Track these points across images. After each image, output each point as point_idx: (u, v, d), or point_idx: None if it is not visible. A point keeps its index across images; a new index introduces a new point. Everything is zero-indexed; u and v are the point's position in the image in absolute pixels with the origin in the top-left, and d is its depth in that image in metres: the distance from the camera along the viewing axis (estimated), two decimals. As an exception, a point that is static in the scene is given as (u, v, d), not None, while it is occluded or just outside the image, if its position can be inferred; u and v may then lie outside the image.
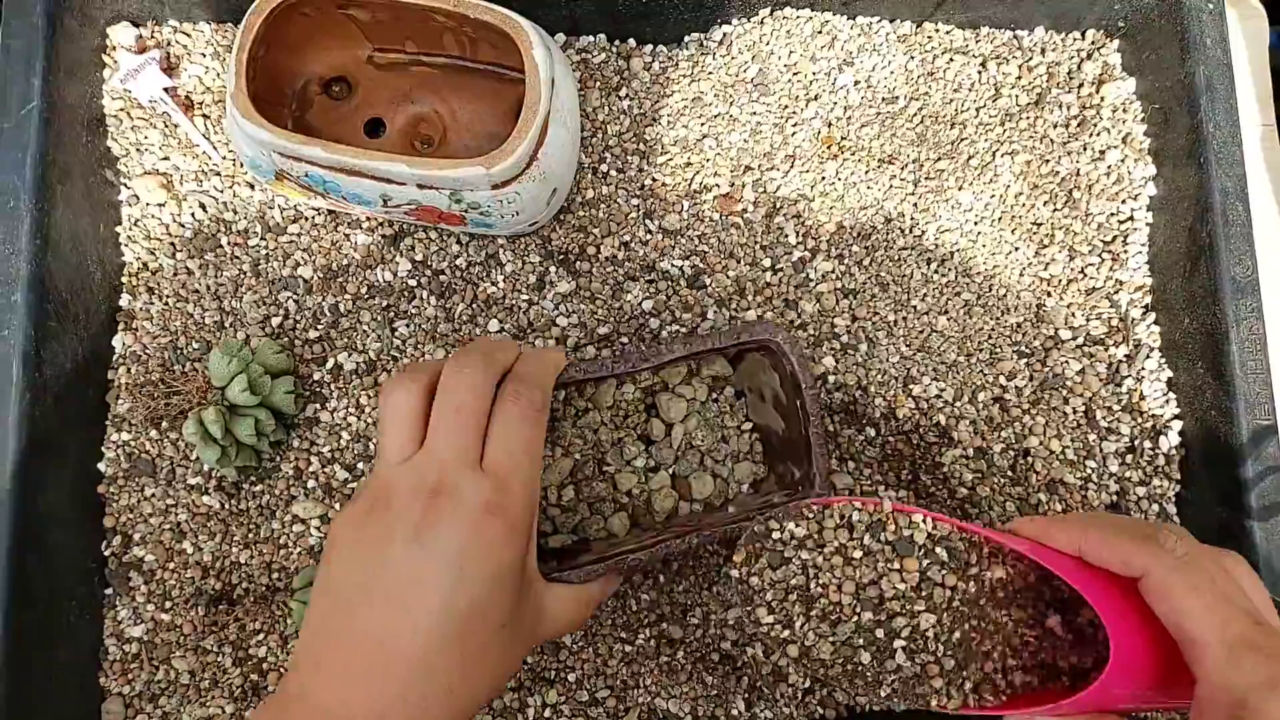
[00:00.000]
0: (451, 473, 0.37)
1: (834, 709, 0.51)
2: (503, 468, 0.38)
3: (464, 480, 0.37)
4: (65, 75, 0.50)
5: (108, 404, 0.52)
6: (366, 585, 0.36)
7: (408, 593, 0.36)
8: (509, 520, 0.37)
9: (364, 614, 0.36)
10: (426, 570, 0.36)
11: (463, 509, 0.37)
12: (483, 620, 0.36)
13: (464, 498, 0.37)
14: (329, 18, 0.50)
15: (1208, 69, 0.53)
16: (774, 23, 0.56)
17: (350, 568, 0.37)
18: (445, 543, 0.36)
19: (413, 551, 0.36)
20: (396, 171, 0.45)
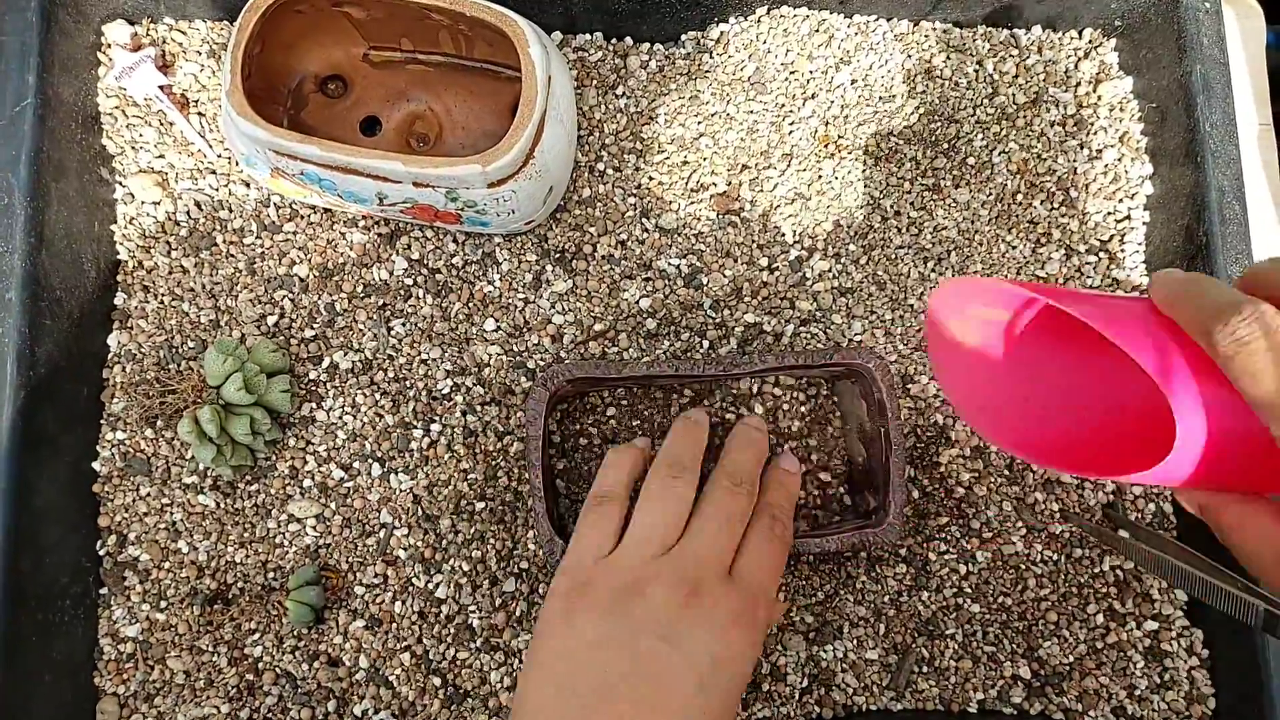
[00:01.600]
0: (712, 575, 0.38)
1: (832, 709, 0.51)
2: (752, 582, 0.40)
3: (721, 585, 0.38)
4: (60, 72, 0.50)
5: (102, 403, 0.52)
6: (625, 673, 0.36)
7: (655, 694, 0.35)
8: (753, 628, 0.38)
9: (613, 704, 0.36)
10: (684, 668, 0.36)
11: (719, 613, 0.37)
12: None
13: (720, 603, 0.37)
14: (324, 15, 0.50)
15: (1205, 68, 0.53)
16: (771, 21, 0.55)
17: (607, 644, 0.37)
18: (698, 646, 0.36)
19: (670, 647, 0.36)
20: (392, 170, 0.45)
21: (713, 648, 0.37)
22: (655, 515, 0.41)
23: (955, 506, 0.53)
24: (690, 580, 0.38)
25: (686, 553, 0.39)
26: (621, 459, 0.46)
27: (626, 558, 0.40)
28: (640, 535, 0.41)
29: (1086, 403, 0.41)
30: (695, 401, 0.53)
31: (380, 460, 0.52)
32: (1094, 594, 0.53)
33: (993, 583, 0.52)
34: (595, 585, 0.39)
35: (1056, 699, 0.52)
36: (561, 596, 0.40)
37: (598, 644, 0.37)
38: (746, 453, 0.47)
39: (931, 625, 0.52)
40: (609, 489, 0.45)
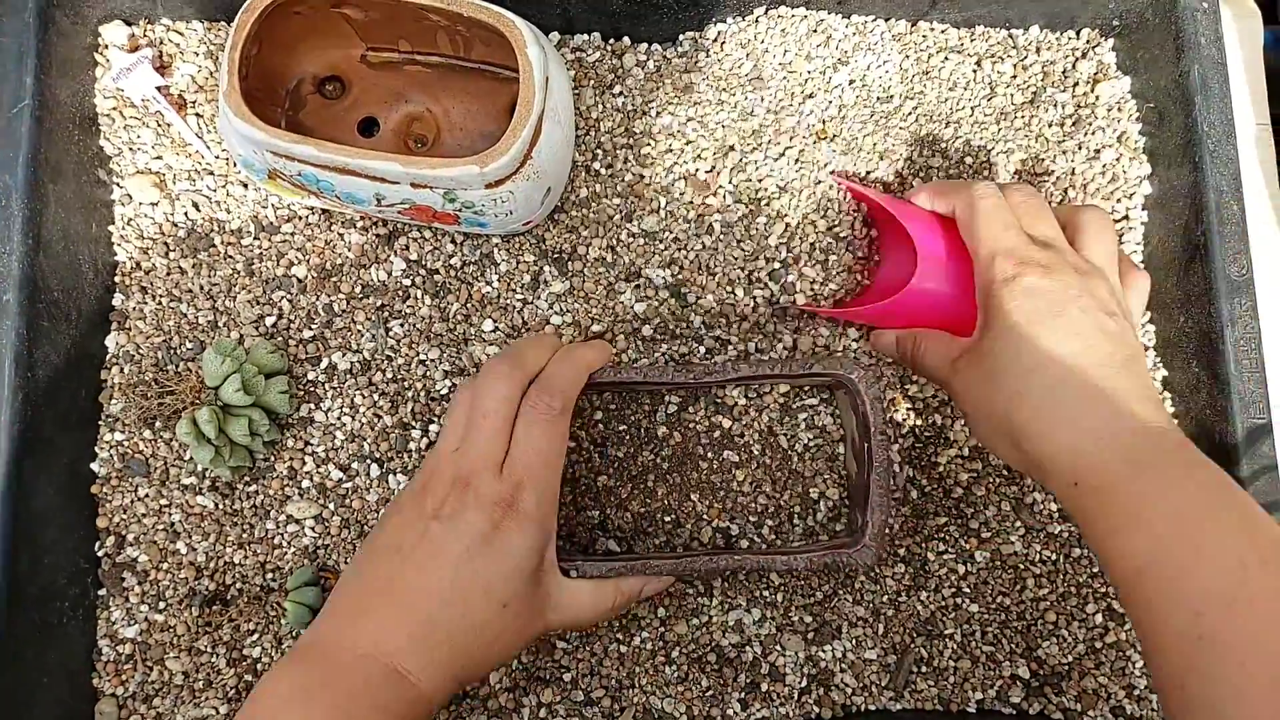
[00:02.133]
0: (475, 472, 0.43)
1: (831, 709, 0.51)
2: (517, 468, 0.43)
3: (483, 479, 0.43)
4: (57, 74, 0.50)
5: (101, 404, 0.51)
6: (401, 548, 0.43)
7: (428, 559, 0.42)
8: (521, 515, 0.43)
9: (394, 569, 0.42)
10: (445, 545, 0.42)
11: (482, 502, 0.42)
12: (484, 595, 0.42)
13: (483, 494, 0.43)
14: (322, 16, 0.50)
15: (1203, 68, 0.53)
16: (769, 21, 0.55)
17: (394, 534, 0.43)
18: (465, 525, 0.42)
19: (438, 528, 0.42)
20: (390, 171, 0.45)
21: (478, 525, 0.42)
22: (450, 425, 0.46)
23: (954, 507, 0.53)
24: (465, 476, 0.43)
25: (462, 454, 0.44)
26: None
27: (430, 457, 0.46)
28: (440, 440, 0.46)
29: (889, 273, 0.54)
30: (682, 407, 0.53)
31: (379, 461, 0.52)
32: (1093, 594, 0.53)
33: (991, 583, 0.52)
34: (414, 481, 0.45)
35: (1055, 699, 0.52)
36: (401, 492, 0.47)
37: (395, 524, 0.44)
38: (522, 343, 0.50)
39: (930, 625, 0.52)
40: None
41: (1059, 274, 0.42)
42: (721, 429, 0.53)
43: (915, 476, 0.53)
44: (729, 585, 0.52)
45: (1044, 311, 0.41)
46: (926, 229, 0.49)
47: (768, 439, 0.53)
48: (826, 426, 0.53)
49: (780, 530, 0.52)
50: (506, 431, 0.44)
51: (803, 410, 0.53)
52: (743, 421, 0.53)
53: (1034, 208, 0.46)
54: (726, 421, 0.53)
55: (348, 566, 0.46)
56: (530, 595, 0.43)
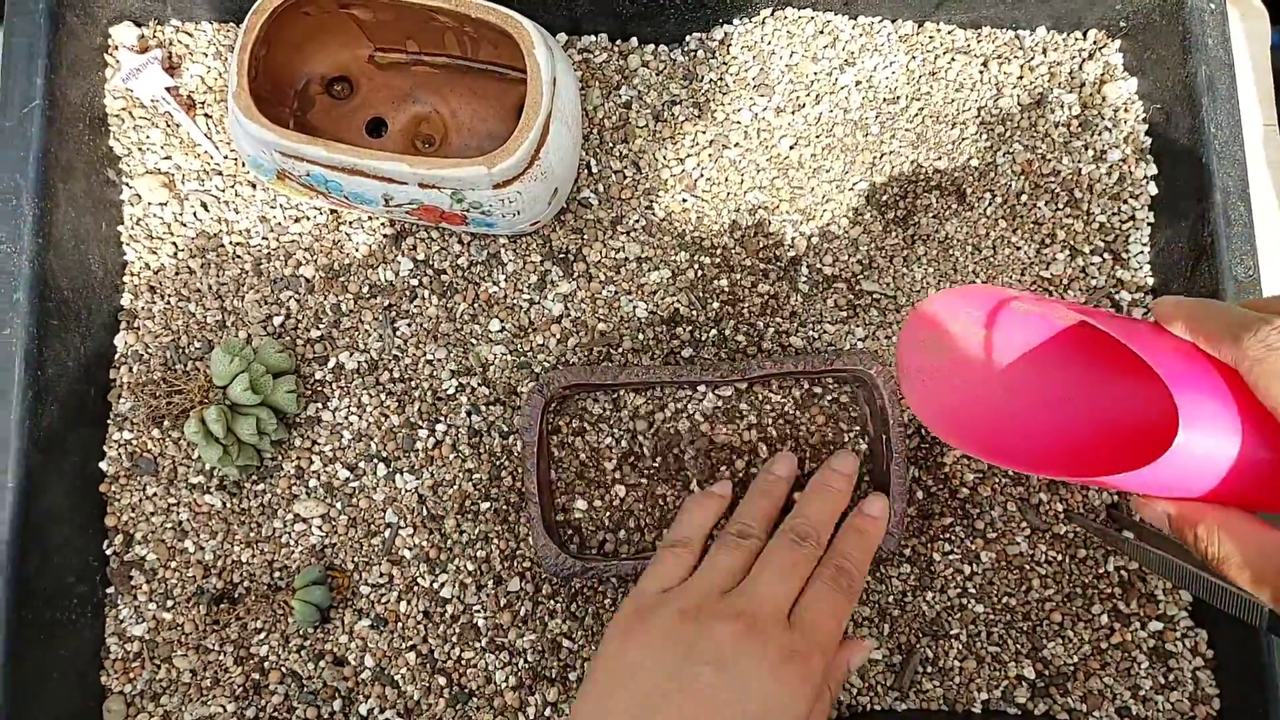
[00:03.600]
0: (768, 615, 0.39)
1: (836, 709, 0.51)
2: (811, 626, 0.40)
3: (777, 626, 0.39)
4: (67, 74, 0.50)
5: (109, 403, 0.52)
6: (668, 693, 0.37)
7: (709, 713, 0.37)
8: (808, 673, 0.38)
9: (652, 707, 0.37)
10: (730, 698, 0.37)
11: (770, 649, 0.38)
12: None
13: (773, 639, 0.38)
14: (330, 17, 0.50)
15: (1209, 69, 0.53)
16: (775, 23, 0.56)
17: (655, 666, 0.38)
18: (751, 679, 0.37)
19: (720, 675, 0.37)
20: (398, 171, 0.45)
21: (764, 684, 0.37)
22: (722, 559, 0.43)
23: (959, 507, 0.53)
24: (748, 616, 0.39)
25: (747, 592, 0.41)
26: (702, 505, 0.48)
27: (691, 590, 0.41)
28: (706, 573, 0.42)
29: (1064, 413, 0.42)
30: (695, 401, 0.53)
31: (386, 460, 0.52)
32: (1098, 594, 0.53)
33: (997, 583, 0.52)
34: (657, 612, 0.40)
35: (1061, 699, 0.52)
36: (623, 619, 0.42)
37: (646, 665, 0.38)
38: (814, 505, 0.47)
39: (936, 625, 0.52)
40: (685, 535, 0.46)
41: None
42: (740, 419, 0.52)
43: (921, 476, 0.53)
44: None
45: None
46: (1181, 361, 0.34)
47: (787, 429, 0.52)
48: (842, 418, 0.53)
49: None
50: (801, 586, 0.41)
51: (821, 400, 0.53)
52: (762, 412, 0.53)
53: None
54: (746, 411, 0.53)
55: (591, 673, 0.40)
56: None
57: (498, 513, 0.51)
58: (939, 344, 0.43)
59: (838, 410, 0.52)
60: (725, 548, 0.44)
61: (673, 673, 0.37)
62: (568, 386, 0.49)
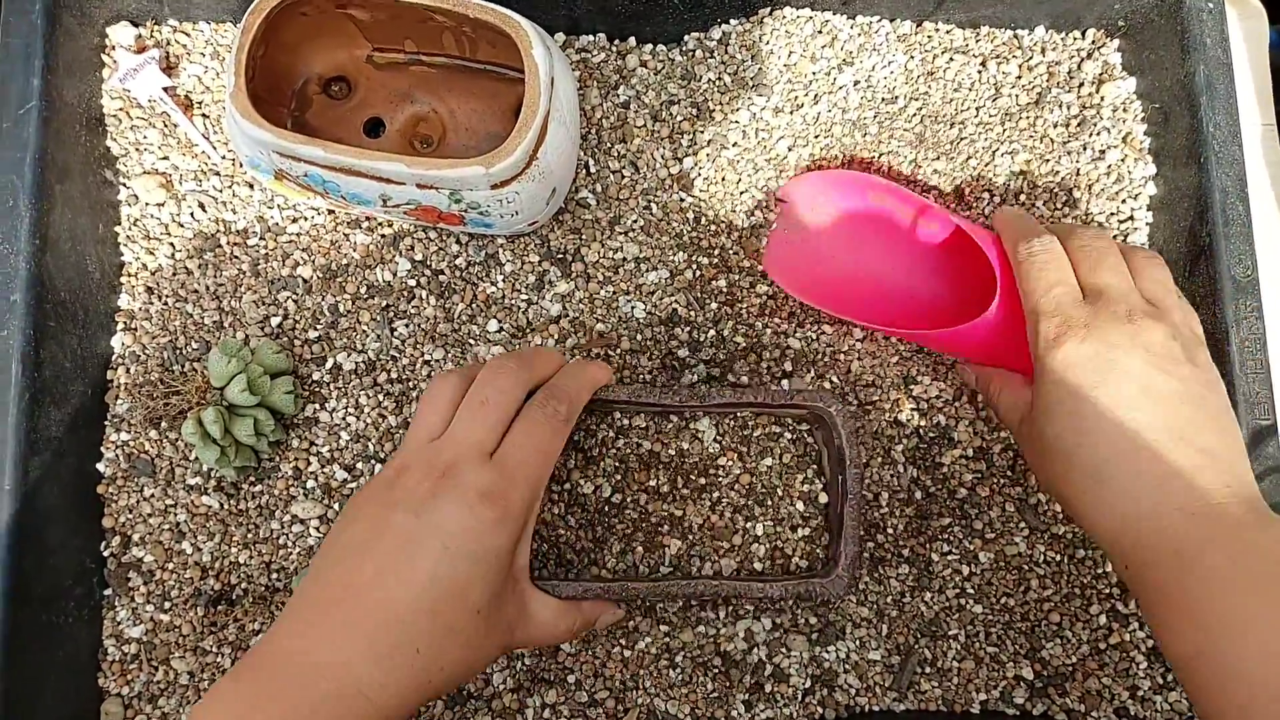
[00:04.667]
0: (461, 458, 0.40)
1: (835, 709, 0.51)
2: (510, 462, 0.41)
3: (470, 466, 0.40)
4: (64, 74, 0.50)
5: (107, 404, 0.52)
6: (364, 545, 0.39)
7: (397, 556, 0.38)
8: (504, 509, 0.39)
9: (353, 569, 0.38)
10: (418, 539, 0.38)
11: (461, 490, 0.39)
12: (460, 598, 0.38)
13: (466, 481, 0.39)
14: (328, 17, 0.50)
15: (1208, 68, 0.53)
16: (773, 22, 0.55)
17: (355, 529, 0.40)
18: (440, 518, 0.38)
19: (409, 521, 0.39)
20: (396, 171, 0.45)
21: (460, 519, 0.38)
22: (428, 412, 0.43)
23: (958, 507, 0.53)
24: (444, 463, 0.40)
25: (445, 439, 0.41)
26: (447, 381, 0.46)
27: (399, 451, 0.43)
28: (414, 429, 0.43)
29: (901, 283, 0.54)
30: (647, 430, 0.52)
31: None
32: (1096, 595, 0.53)
33: (995, 583, 0.52)
34: (377, 477, 0.42)
35: (1059, 700, 0.52)
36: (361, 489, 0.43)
37: (356, 518, 0.40)
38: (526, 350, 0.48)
39: (934, 626, 0.52)
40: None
41: (1102, 333, 0.40)
42: (696, 450, 0.52)
43: (919, 477, 0.53)
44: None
45: (1084, 383, 0.40)
46: (1004, 259, 0.47)
47: (743, 461, 0.52)
48: (802, 454, 0.52)
49: (751, 556, 0.51)
50: (503, 426, 0.42)
51: (778, 437, 0.53)
52: (720, 444, 0.52)
53: (1095, 252, 0.43)
54: (699, 443, 0.52)
55: (307, 570, 0.42)
56: (503, 603, 0.40)
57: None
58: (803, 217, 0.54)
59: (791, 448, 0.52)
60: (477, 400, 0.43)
61: (373, 524, 0.39)
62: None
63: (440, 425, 0.42)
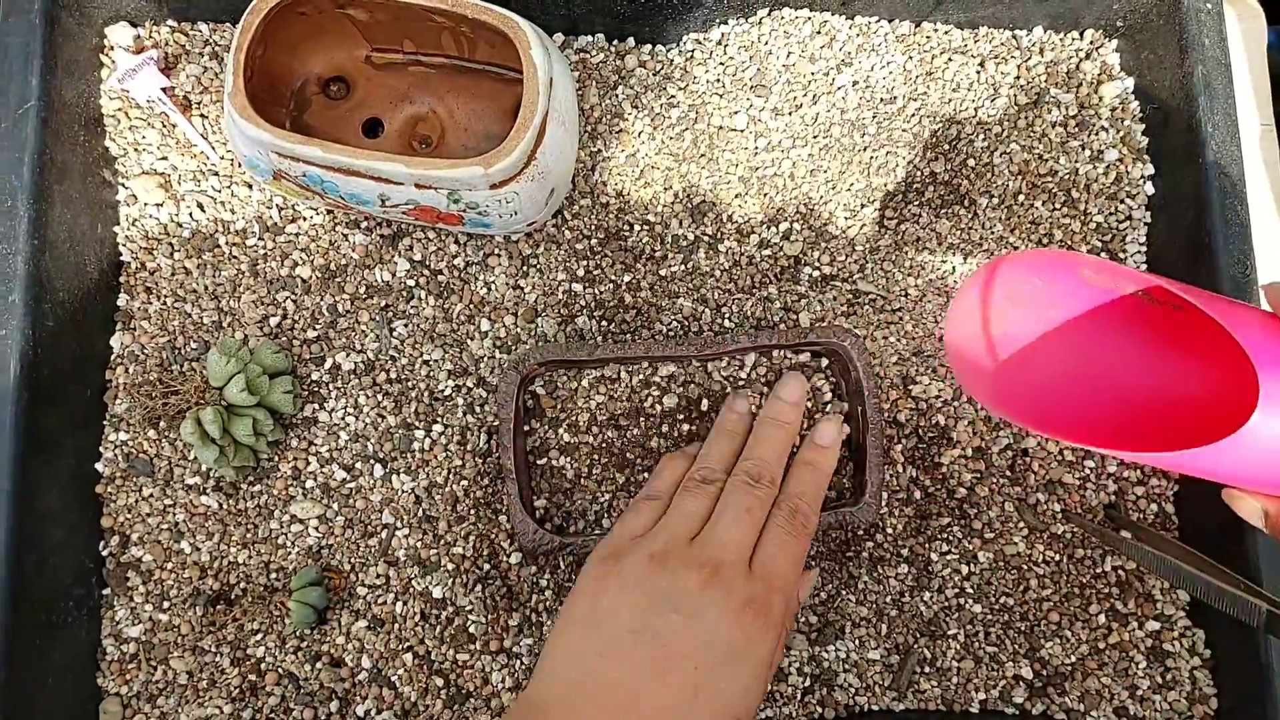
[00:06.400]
0: (731, 562, 0.40)
1: (834, 709, 0.51)
2: (770, 573, 0.41)
3: (738, 574, 0.40)
4: (63, 75, 0.50)
5: (105, 404, 0.52)
6: (638, 636, 0.38)
7: (671, 659, 0.38)
8: (769, 617, 0.40)
9: (622, 661, 0.38)
10: (695, 643, 0.38)
11: (733, 598, 0.39)
12: (721, 707, 0.38)
13: (735, 588, 0.39)
14: (327, 17, 0.50)
15: (1206, 69, 0.53)
16: (772, 23, 0.56)
17: (626, 610, 0.39)
18: (714, 625, 0.38)
19: (686, 622, 0.38)
20: (394, 171, 0.45)
21: (726, 629, 0.38)
22: (687, 504, 0.44)
23: (957, 507, 0.53)
24: (710, 563, 0.40)
25: (709, 540, 0.42)
26: (673, 464, 0.48)
27: (659, 536, 0.42)
28: (670, 521, 0.43)
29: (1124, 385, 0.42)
30: (671, 381, 0.52)
31: (382, 461, 0.52)
32: (1096, 594, 0.53)
33: (995, 583, 0.52)
34: (628, 557, 0.41)
35: (1058, 699, 0.52)
36: (595, 564, 0.43)
37: (618, 608, 0.40)
38: (765, 447, 0.47)
39: (933, 625, 0.52)
40: (657, 489, 0.47)
41: None
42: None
43: (918, 477, 0.53)
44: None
45: None
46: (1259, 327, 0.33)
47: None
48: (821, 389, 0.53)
49: None
50: (759, 532, 0.43)
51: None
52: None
53: None
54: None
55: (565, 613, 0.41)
56: (756, 707, 0.40)
57: (496, 513, 0.51)
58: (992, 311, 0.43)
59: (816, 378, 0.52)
60: (689, 493, 0.45)
61: (642, 616, 0.39)
62: (542, 363, 0.50)
63: (698, 524, 0.43)
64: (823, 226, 0.55)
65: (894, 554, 0.52)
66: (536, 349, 0.50)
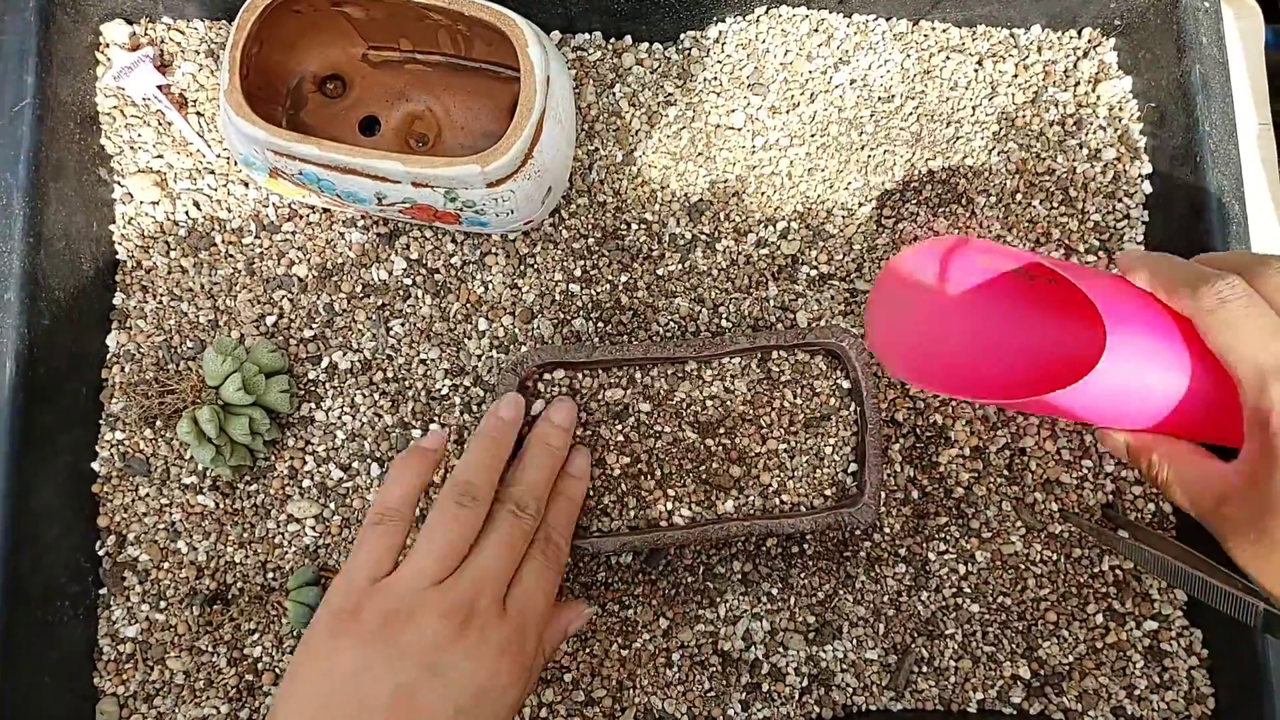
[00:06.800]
0: (484, 605, 0.38)
1: (832, 709, 0.51)
2: (525, 610, 0.40)
3: (492, 617, 0.38)
4: (58, 72, 0.50)
5: (101, 403, 0.51)
6: (379, 701, 0.36)
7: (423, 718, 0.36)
8: (522, 658, 0.38)
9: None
10: (444, 698, 0.36)
11: (487, 647, 0.37)
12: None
13: (489, 635, 0.38)
14: (323, 15, 0.50)
15: (1204, 67, 0.53)
16: (770, 21, 0.55)
17: (368, 672, 0.36)
18: (465, 676, 0.36)
19: (433, 679, 0.36)
20: (391, 170, 0.45)
21: (479, 678, 0.37)
22: (436, 542, 0.40)
23: (954, 506, 0.53)
24: (463, 609, 0.38)
25: (463, 581, 0.39)
26: (405, 472, 0.43)
27: (401, 584, 0.39)
28: (418, 563, 0.39)
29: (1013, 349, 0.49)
30: (672, 383, 0.51)
31: (379, 460, 0.52)
32: (1093, 594, 0.53)
33: (992, 583, 0.52)
34: (364, 610, 0.38)
35: (1056, 699, 0.52)
36: (329, 618, 0.39)
37: (358, 672, 0.36)
38: (531, 473, 0.44)
39: (931, 625, 0.52)
40: (391, 506, 0.42)
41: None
42: (720, 399, 0.52)
43: (916, 476, 0.53)
44: (732, 592, 0.52)
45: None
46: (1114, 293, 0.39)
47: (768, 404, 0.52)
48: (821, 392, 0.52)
49: (784, 490, 0.51)
50: (518, 563, 0.41)
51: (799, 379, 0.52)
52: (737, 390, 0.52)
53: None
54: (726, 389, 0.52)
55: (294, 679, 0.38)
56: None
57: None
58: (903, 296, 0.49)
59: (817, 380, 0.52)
60: (443, 519, 0.41)
61: (385, 680, 0.36)
62: (540, 365, 0.50)
63: (454, 560, 0.40)
64: (820, 225, 0.55)
65: (891, 554, 0.52)
66: (534, 351, 0.50)
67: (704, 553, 0.52)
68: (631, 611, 0.51)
